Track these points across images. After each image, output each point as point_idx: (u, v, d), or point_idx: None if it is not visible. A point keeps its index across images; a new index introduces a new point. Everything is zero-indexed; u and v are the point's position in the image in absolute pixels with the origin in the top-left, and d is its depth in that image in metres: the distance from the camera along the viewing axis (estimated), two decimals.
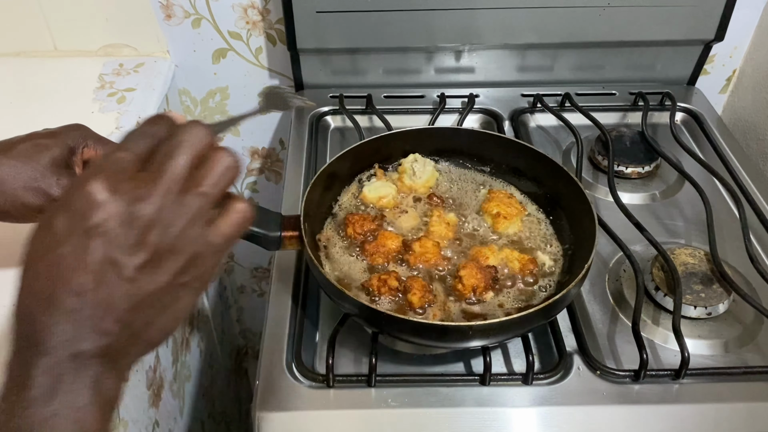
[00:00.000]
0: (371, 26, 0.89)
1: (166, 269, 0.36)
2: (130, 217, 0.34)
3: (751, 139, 1.00)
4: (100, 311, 0.35)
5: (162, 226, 0.35)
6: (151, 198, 0.35)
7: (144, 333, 0.37)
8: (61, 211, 0.35)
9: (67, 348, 0.34)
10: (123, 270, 0.34)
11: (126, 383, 0.38)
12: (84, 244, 0.34)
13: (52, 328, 0.34)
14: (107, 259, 0.34)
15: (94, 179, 0.34)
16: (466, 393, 0.59)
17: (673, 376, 0.60)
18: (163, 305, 0.37)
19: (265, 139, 1.10)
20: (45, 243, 0.35)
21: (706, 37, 0.93)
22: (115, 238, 0.34)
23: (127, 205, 0.34)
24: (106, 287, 0.34)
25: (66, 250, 0.34)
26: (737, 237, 0.73)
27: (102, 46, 0.95)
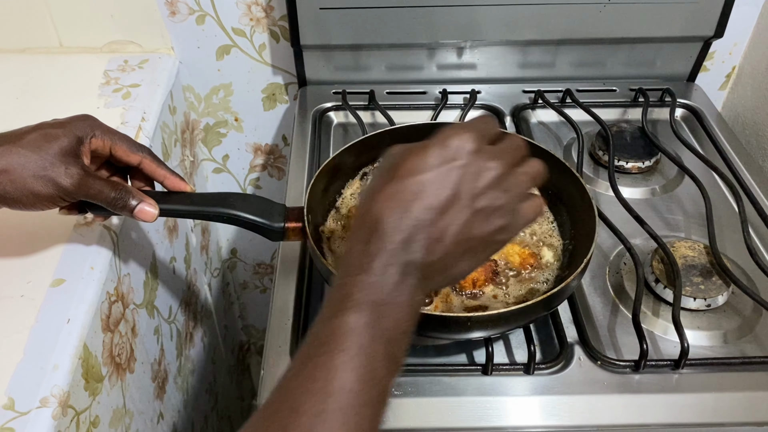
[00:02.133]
0: (374, 23, 0.90)
1: (491, 223, 0.44)
2: (483, 171, 0.43)
3: (750, 135, 1.00)
4: (436, 233, 0.42)
5: (499, 189, 0.44)
6: (498, 165, 0.44)
7: (451, 267, 0.44)
8: (437, 146, 0.43)
9: (403, 254, 0.41)
10: (465, 208, 0.42)
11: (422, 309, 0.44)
12: (446, 177, 0.42)
13: (398, 233, 0.41)
14: (457, 195, 0.42)
15: (469, 133, 0.43)
16: (469, 382, 0.60)
17: (672, 367, 0.61)
18: (473, 251, 0.44)
19: (268, 136, 1.11)
20: (417, 165, 0.42)
21: (705, 33, 0.93)
22: (469, 182, 0.43)
23: (483, 161, 0.43)
24: (449, 216, 0.42)
25: (431, 175, 0.42)
26: (736, 230, 0.73)
27: (107, 43, 0.96)
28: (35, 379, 0.56)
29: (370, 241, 0.42)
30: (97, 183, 0.56)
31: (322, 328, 0.40)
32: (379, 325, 0.40)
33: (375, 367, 0.39)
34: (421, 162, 0.42)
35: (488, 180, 0.43)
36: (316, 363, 0.38)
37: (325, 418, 0.36)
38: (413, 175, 0.42)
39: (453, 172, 0.42)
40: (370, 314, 0.40)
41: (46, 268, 0.65)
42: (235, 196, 0.62)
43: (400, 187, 0.42)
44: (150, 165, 0.61)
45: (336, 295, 0.41)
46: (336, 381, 0.37)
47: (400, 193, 0.42)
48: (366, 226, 0.42)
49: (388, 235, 0.41)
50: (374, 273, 0.41)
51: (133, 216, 0.58)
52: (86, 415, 0.61)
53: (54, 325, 0.60)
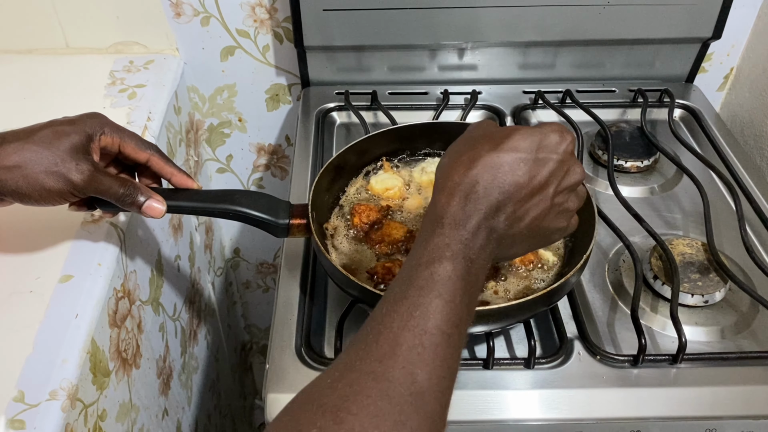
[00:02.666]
0: (376, 24, 0.91)
1: (559, 220, 0.49)
2: (571, 173, 0.48)
3: (747, 135, 1.01)
4: (521, 211, 0.46)
5: (575, 194, 0.50)
6: (581, 174, 0.49)
7: (515, 246, 0.49)
8: (541, 135, 0.47)
9: (491, 220, 0.45)
10: (548, 199, 0.47)
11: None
12: (543, 165, 0.46)
13: (492, 201, 0.45)
14: (547, 185, 0.47)
15: (570, 135, 0.48)
16: (470, 376, 0.61)
17: (670, 361, 0.62)
18: (534, 239, 0.49)
19: (272, 136, 1.12)
20: (520, 145, 0.46)
21: (704, 35, 0.94)
22: (558, 177, 0.47)
23: (573, 164, 0.48)
24: (534, 200, 0.47)
25: (531, 159, 0.46)
26: (733, 228, 0.75)
27: (113, 44, 0.98)
28: (45, 372, 0.57)
29: (468, 200, 0.45)
30: (107, 179, 0.58)
31: (419, 272, 0.43)
32: (468, 278, 0.43)
33: (462, 315, 0.42)
34: (526, 143, 0.46)
35: (572, 182, 0.48)
36: (413, 303, 0.41)
37: (421, 351, 0.39)
38: (517, 151, 0.46)
39: (549, 164, 0.46)
40: (464, 267, 0.43)
41: (55, 265, 0.66)
42: (241, 193, 0.63)
43: (502, 159, 0.45)
44: (158, 162, 0.62)
45: (433, 242, 0.44)
46: (431, 321, 0.40)
47: (502, 164, 0.45)
48: (464, 185, 0.45)
49: (485, 199, 0.45)
50: (469, 230, 0.44)
51: (141, 212, 0.59)
52: (94, 409, 0.62)
53: (62, 320, 0.61)
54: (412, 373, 0.38)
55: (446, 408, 0.40)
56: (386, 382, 0.38)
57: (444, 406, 0.40)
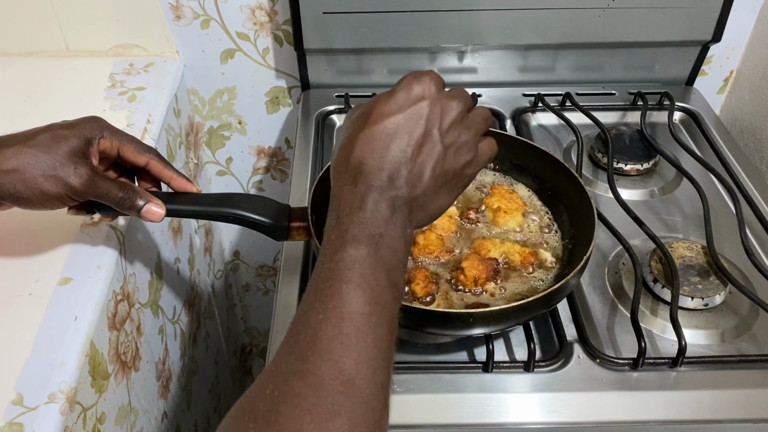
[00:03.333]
0: (376, 27, 0.91)
1: (461, 157, 0.48)
2: (447, 109, 0.46)
3: (747, 138, 1.01)
4: (416, 168, 0.45)
5: (463, 126, 0.47)
6: (458, 104, 0.47)
7: (432, 202, 0.47)
8: (403, 90, 0.46)
9: (389, 190, 0.44)
10: (437, 144, 0.46)
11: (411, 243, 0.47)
12: (416, 116, 0.45)
13: (382, 172, 0.44)
14: (429, 132, 0.45)
15: (428, 77, 0.46)
16: (470, 379, 0.61)
17: (670, 364, 0.62)
18: (449, 186, 0.48)
19: (271, 139, 1.12)
20: (387, 109, 0.45)
21: (703, 38, 0.95)
22: (436, 119, 0.46)
23: (446, 100, 0.46)
24: (424, 152, 0.45)
25: (403, 116, 0.45)
26: (733, 231, 0.74)
27: (113, 47, 0.98)
28: (43, 375, 0.57)
29: (357, 182, 0.44)
30: (105, 183, 0.58)
31: (326, 265, 0.42)
32: (377, 255, 0.43)
33: (380, 292, 0.42)
34: (391, 105, 0.45)
35: (453, 117, 0.47)
36: (325, 294, 0.41)
37: (341, 339, 0.39)
38: (386, 117, 0.45)
39: (422, 111, 0.45)
40: (368, 246, 0.42)
41: (54, 267, 0.66)
42: (241, 196, 0.63)
43: (375, 130, 0.45)
44: (157, 166, 0.62)
45: (333, 235, 0.44)
46: (346, 307, 0.40)
47: (377, 135, 0.45)
48: (350, 169, 0.45)
49: (374, 174, 0.44)
50: (366, 209, 0.44)
51: (140, 216, 0.59)
52: (93, 412, 0.62)
53: (62, 322, 0.61)
54: (338, 363, 0.38)
55: (385, 388, 0.40)
56: (313, 377, 0.38)
57: (382, 386, 0.40)
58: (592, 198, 0.65)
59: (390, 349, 0.41)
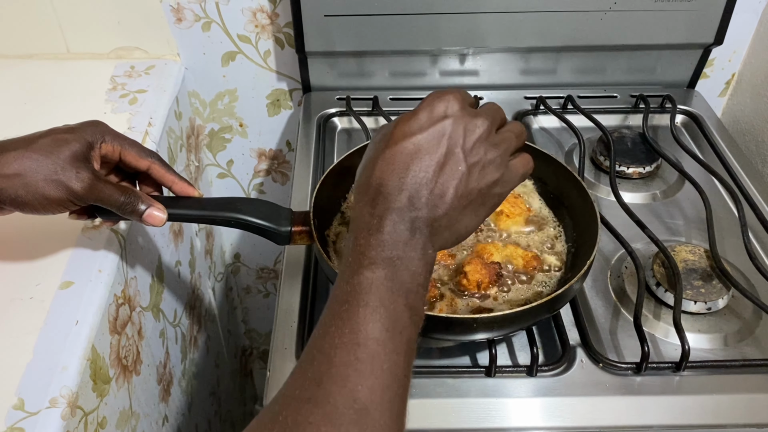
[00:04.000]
0: (378, 30, 0.91)
1: (487, 176, 0.46)
2: (471, 127, 0.45)
3: (749, 141, 1.01)
4: (438, 189, 0.44)
5: (489, 144, 0.46)
6: (484, 122, 0.46)
7: (456, 223, 0.46)
8: (425, 109, 0.45)
9: (409, 211, 0.43)
10: (461, 163, 0.44)
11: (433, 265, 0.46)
12: (438, 135, 0.44)
13: (402, 193, 0.43)
14: (451, 151, 0.44)
15: (452, 95, 0.46)
16: (472, 384, 0.61)
17: (673, 369, 0.62)
18: (474, 205, 0.46)
19: (272, 141, 1.12)
20: (409, 128, 0.45)
21: (705, 41, 0.94)
22: (459, 138, 0.45)
23: (470, 118, 0.45)
24: (447, 172, 0.44)
25: (425, 135, 0.44)
26: (736, 235, 0.74)
27: (114, 49, 0.97)
28: (44, 379, 0.57)
29: (376, 204, 0.44)
30: (107, 187, 0.57)
31: (342, 288, 0.42)
32: (395, 278, 0.42)
33: (397, 317, 0.41)
34: (412, 125, 0.45)
35: (478, 135, 0.45)
36: (341, 318, 0.40)
37: (357, 366, 0.38)
38: (407, 137, 0.44)
39: (444, 130, 0.44)
40: (386, 269, 0.42)
41: (55, 271, 0.66)
42: (242, 200, 0.63)
43: (396, 150, 0.44)
44: (159, 170, 0.62)
45: (351, 257, 0.43)
46: (362, 332, 0.39)
47: (397, 155, 0.44)
48: (370, 191, 0.44)
49: (393, 195, 0.43)
50: (384, 231, 0.43)
51: (142, 220, 0.59)
52: (94, 416, 0.61)
53: (63, 326, 0.61)
54: (353, 391, 0.37)
55: (401, 417, 0.39)
56: (328, 405, 0.37)
57: (396, 414, 0.39)
58: (594, 202, 0.65)
59: (407, 377, 0.40)
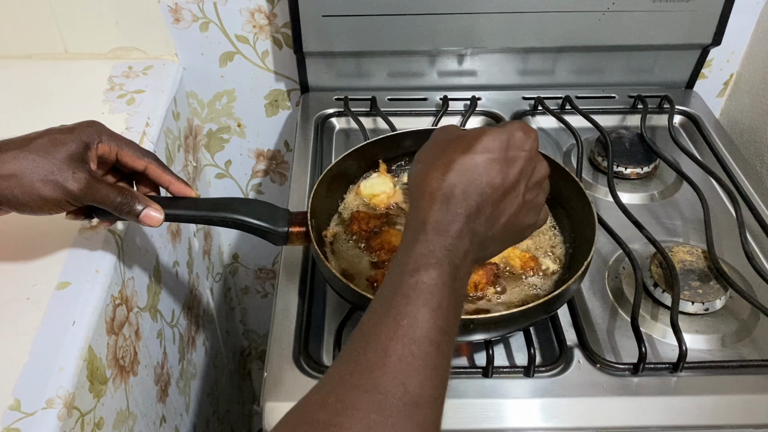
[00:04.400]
0: (376, 30, 0.91)
1: (531, 216, 0.49)
2: (538, 168, 0.48)
3: (747, 142, 1.01)
4: (498, 211, 0.46)
5: (541, 189, 0.49)
6: (546, 169, 0.49)
7: (493, 246, 0.48)
8: (508, 134, 0.46)
9: (473, 224, 0.45)
10: (520, 196, 0.47)
11: None
12: (513, 164, 0.46)
13: (471, 203, 0.44)
14: (518, 182, 0.46)
15: (535, 134, 0.48)
16: (469, 384, 0.61)
17: (671, 369, 0.62)
18: (511, 236, 0.49)
19: (270, 141, 1.12)
20: (490, 146, 0.45)
21: (703, 41, 0.94)
22: (527, 174, 0.47)
23: (540, 160, 0.49)
24: (509, 199, 0.46)
25: (502, 158, 0.46)
26: (734, 235, 0.74)
27: (112, 49, 0.97)
28: (41, 380, 0.56)
29: (449, 205, 0.44)
30: (104, 188, 0.57)
31: (404, 280, 0.42)
32: (454, 284, 0.43)
33: (450, 323, 0.42)
34: (495, 143, 0.46)
35: (539, 177, 0.48)
36: (400, 312, 0.40)
37: (410, 361, 0.39)
38: (489, 152, 0.45)
39: (519, 161, 0.46)
40: (450, 273, 0.42)
41: (52, 271, 0.66)
42: (240, 201, 0.63)
43: (477, 159, 0.45)
44: (156, 170, 0.62)
45: (417, 250, 0.43)
46: (419, 330, 0.40)
47: (475, 167, 0.45)
48: (444, 189, 0.44)
49: (464, 203, 0.44)
50: (453, 236, 0.43)
51: (139, 221, 0.59)
52: (91, 417, 0.61)
53: (59, 327, 0.61)
54: (404, 383, 0.38)
55: (440, 418, 0.40)
56: (377, 394, 0.37)
57: (438, 415, 0.39)
58: (592, 202, 0.65)
59: (447, 381, 0.41)
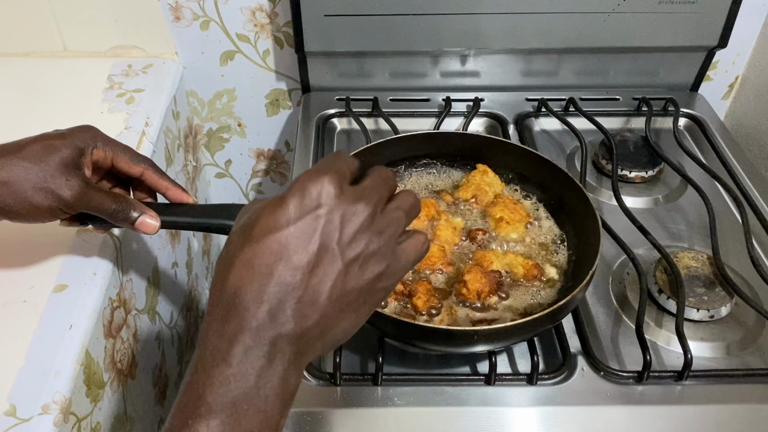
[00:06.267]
0: (378, 30, 0.90)
1: (369, 271, 0.39)
2: (350, 215, 0.38)
3: (753, 145, 1.00)
4: (308, 295, 0.37)
5: (372, 232, 0.38)
6: (366, 206, 0.38)
7: (332, 329, 0.38)
8: (295, 196, 0.37)
9: (270, 329, 0.36)
10: (336, 260, 0.37)
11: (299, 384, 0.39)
12: (309, 229, 0.37)
13: (261, 306, 0.36)
14: (325, 247, 0.37)
15: (327, 176, 0.37)
16: (472, 392, 0.60)
17: (675, 378, 0.61)
18: (354, 306, 0.39)
19: (271, 141, 1.11)
20: (275, 222, 0.37)
21: (709, 43, 0.93)
22: (335, 231, 0.37)
23: (349, 204, 0.38)
24: (320, 273, 0.37)
25: (293, 230, 0.36)
26: (739, 241, 0.73)
27: (111, 47, 0.96)
28: (37, 385, 0.56)
29: (227, 321, 0.36)
30: (98, 195, 0.56)
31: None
32: (240, 427, 0.34)
33: None
34: (279, 217, 0.37)
35: (357, 224, 0.38)
36: None
37: None
38: (272, 232, 0.36)
39: (317, 222, 0.37)
40: (227, 418, 0.34)
41: (49, 274, 0.65)
42: (237, 207, 0.61)
43: (257, 249, 0.36)
44: (152, 176, 0.61)
45: (186, 397, 0.35)
46: None
47: (258, 256, 0.36)
48: (222, 302, 0.36)
49: (249, 310, 0.36)
50: (232, 362, 0.35)
51: (135, 228, 0.58)
52: (87, 422, 0.61)
53: (56, 330, 0.60)
54: None
55: None
56: None
57: None
58: (596, 208, 0.64)
59: None
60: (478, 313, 0.61)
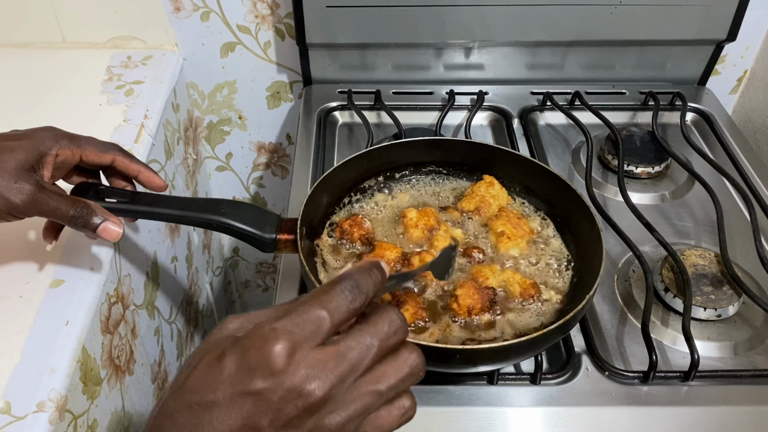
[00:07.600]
0: (381, 22, 0.88)
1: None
2: (297, 393, 0.31)
3: (761, 140, 0.99)
4: None
5: (324, 413, 0.32)
6: (326, 380, 0.32)
7: None
8: (236, 356, 0.32)
9: None
10: None
11: None
12: (240, 403, 0.31)
13: None
14: (253, 425, 0.31)
15: (280, 340, 0.31)
16: (475, 392, 0.59)
17: (682, 378, 0.60)
18: None
19: (272, 134, 1.10)
20: (203, 385, 0.32)
21: (717, 37, 0.92)
22: (270, 411, 0.31)
23: (299, 381, 0.31)
24: None
25: (221, 396, 0.31)
26: (748, 239, 0.72)
27: (110, 39, 0.95)
28: (32, 382, 0.55)
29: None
30: (53, 200, 0.53)
31: None
32: None
33: None
34: (210, 380, 0.32)
35: (307, 403, 0.31)
36: None
37: None
38: (197, 394, 0.32)
39: (244, 401, 0.31)
40: None
41: (46, 269, 0.64)
42: (228, 203, 0.60)
43: (180, 408, 0.32)
44: (123, 161, 0.60)
45: None
46: None
47: (180, 415, 0.32)
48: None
49: None
50: None
51: (97, 234, 0.55)
52: (84, 419, 0.60)
53: (52, 327, 0.59)
54: None
55: None
56: None
57: None
58: (601, 203, 0.63)
59: None
60: (472, 331, 0.58)
